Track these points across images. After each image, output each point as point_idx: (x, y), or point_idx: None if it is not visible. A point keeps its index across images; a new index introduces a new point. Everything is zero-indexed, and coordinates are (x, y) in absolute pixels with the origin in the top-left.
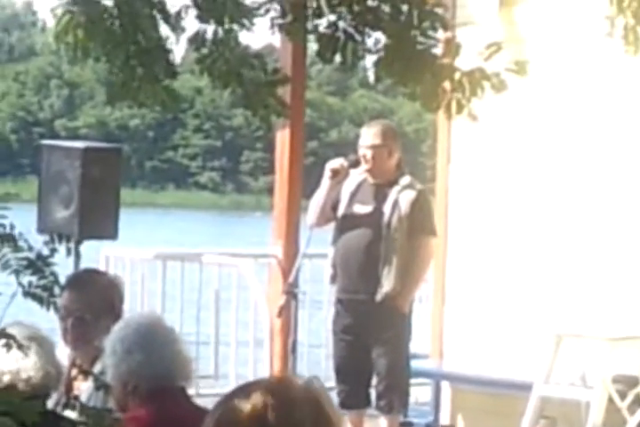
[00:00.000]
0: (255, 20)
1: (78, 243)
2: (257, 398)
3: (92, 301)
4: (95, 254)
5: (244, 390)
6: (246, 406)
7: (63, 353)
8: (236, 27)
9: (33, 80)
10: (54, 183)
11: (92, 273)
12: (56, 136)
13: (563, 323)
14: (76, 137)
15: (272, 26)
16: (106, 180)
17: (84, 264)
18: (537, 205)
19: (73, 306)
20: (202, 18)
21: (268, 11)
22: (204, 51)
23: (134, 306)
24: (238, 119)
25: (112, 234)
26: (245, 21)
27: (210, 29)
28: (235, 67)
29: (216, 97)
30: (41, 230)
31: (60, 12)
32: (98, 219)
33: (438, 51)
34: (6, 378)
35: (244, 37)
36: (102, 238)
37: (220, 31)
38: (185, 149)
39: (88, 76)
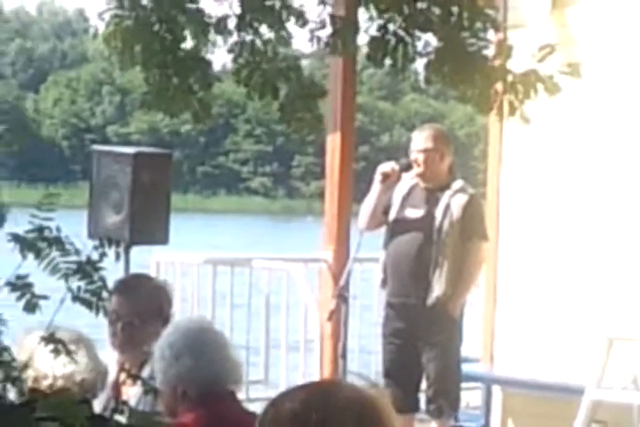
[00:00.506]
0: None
1: (128, 248)
2: (302, 400)
3: (141, 305)
4: (146, 260)
5: (292, 392)
6: (290, 406)
7: (111, 358)
8: (274, 37)
9: (85, 86)
10: (105, 189)
11: (141, 278)
12: (108, 142)
13: (614, 326)
14: (127, 143)
15: (311, 38)
16: (156, 185)
17: (134, 269)
18: (589, 208)
19: (122, 310)
20: (241, 27)
21: (306, 23)
22: (242, 61)
23: (185, 311)
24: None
25: (163, 239)
26: (284, 32)
27: (248, 39)
28: (271, 78)
29: (267, 102)
30: (91, 236)
31: (107, 16)
32: (148, 224)
33: (490, 53)
34: (60, 382)
35: (295, 42)
36: (153, 244)
37: (258, 42)
38: (236, 154)
39: (140, 83)
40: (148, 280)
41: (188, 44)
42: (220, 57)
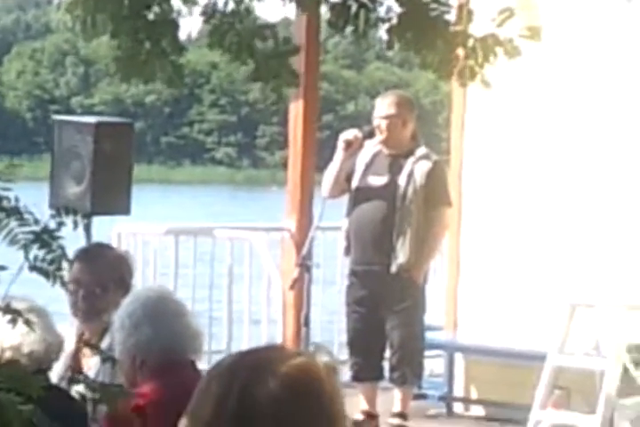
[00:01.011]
0: None
1: (89, 218)
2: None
3: (102, 273)
4: (108, 231)
5: (237, 358)
6: (234, 374)
7: (70, 329)
8: None
9: (49, 58)
10: (66, 159)
11: (103, 247)
12: (72, 113)
13: (576, 292)
14: (91, 114)
15: None
16: (118, 155)
17: (95, 240)
18: (550, 176)
19: (83, 278)
20: None
21: None
22: (215, 23)
23: (147, 282)
24: (254, 94)
25: (124, 209)
26: None
27: (220, 1)
28: (246, 38)
29: (232, 71)
30: (53, 207)
31: None
32: (110, 194)
33: (452, 18)
34: (8, 354)
35: (260, 11)
36: (114, 214)
37: (231, 2)
38: (201, 124)
39: (104, 53)
40: (110, 249)
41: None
42: (184, 26)
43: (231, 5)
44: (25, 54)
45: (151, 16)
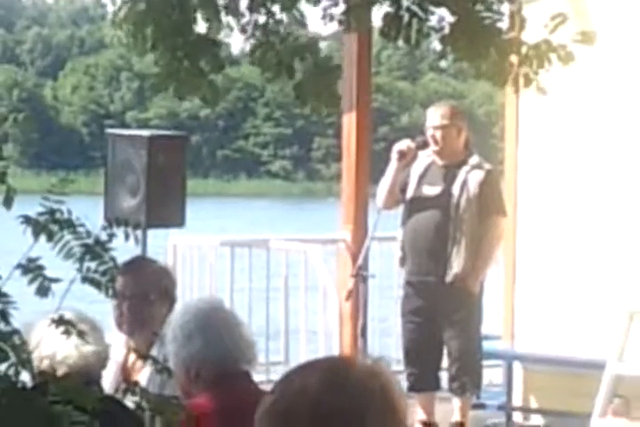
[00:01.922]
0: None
1: (144, 231)
2: (318, 379)
3: (146, 285)
4: (164, 243)
5: (306, 370)
6: (307, 385)
7: (117, 340)
8: (286, 17)
9: (103, 73)
10: (121, 172)
11: (144, 260)
12: (127, 128)
13: (635, 300)
14: (147, 128)
15: (324, 16)
16: (172, 167)
17: (151, 253)
18: (606, 183)
19: (127, 291)
20: (253, 8)
21: (318, 1)
22: (255, 42)
23: (202, 293)
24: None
25: (179, 222)
26: (296, 12)
27: (260, 20)
28: (285, 58)
29: (286, 85)
30: (108, 219)
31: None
32: (165, 207)
33: (504, 26)
34: (63, 367)
35: (312, 23)
36: (169, 227)
37: (271, 22)
38: (256, 137)
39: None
40: (152, 262)
41: (202, 27)
42: (238, 40)
43: (271, 24)
44: (79, 70)
45: (192, 36)
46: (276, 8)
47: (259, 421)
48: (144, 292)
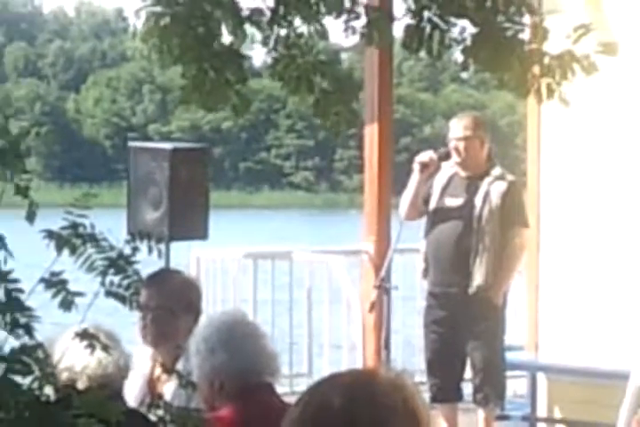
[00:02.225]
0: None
1: (167, 244)
2: (344, 392)
3: (170, 298)
4: (187, 256)
5: (330, 382)
6: (331, 398)
7: (143, 353)
8: (307, 31)
9: (125, 86)
10: (143, 185)
11: (170, 272)
12: (150, 141)
13: None
14: (169, 141)
15: (346, 29)
16: (194, 180)
17: (174, 266)
18: (629, 193)
19: (151, 303)
20: (274, 21)
21: (340, 14)
22: (276, 55)
23: (226, 305)
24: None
25: (202, 234)
26: (318, 25)
27: (282, 33)
28: (305, 73)
29: (304, 97)
30: (131, 232)
31: (144, 13)
32: (188, 219)
33: (525, 36)
34: (86, 380)
35: (334, 36)
36: (192, 239)
37: (292, 34)
38: (278, 149)
39: (180, 81)
40: (178, 274)
41: (226, 38)
42: (260, 53)
43: (293, 38)
44: (101, 83)
45: (217, 47)
46: (297, 21)
47: None
48: (168, 304)
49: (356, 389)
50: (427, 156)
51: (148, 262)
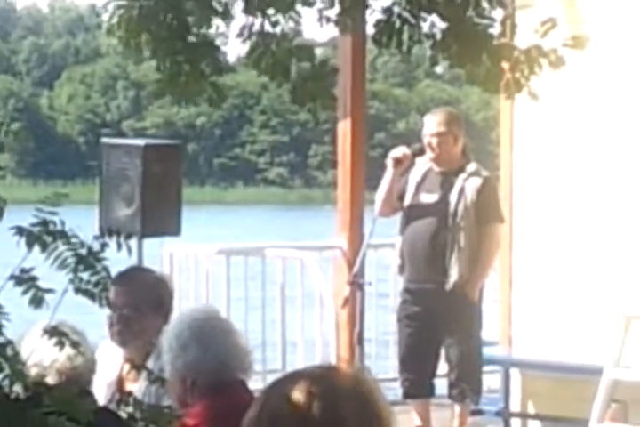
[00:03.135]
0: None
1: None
2: (302, 387)
3: (137, 296)
4: (160, 252)
5: (291, 379)
6: (291, 394)
7: (111, 352)
8: (282, 19)
9: (99, 82)
10: (116, 182)
11: (139, 269)
12: (124, 137)
13: (631, 305)
14: (143, 137)
15: (320, 18)
16: (167, 176)
17: (147, 262)
18: (601, 189)
19: (118, 301)
20: (248, 11)
21: (313, 3)
22: (252, 45)
23: (198, 302)
24: (305, 114)
25: (175, 231)
26: (292, 13)
27: (257, 22)
28: (281, 60)
29: (282, 92)
30: (103, 229)
31: (111, 7)
32: (160, 216)
33: (495, 31)
34: (55, 376)
35: (307, 31)
36: (165, 235)
37: (267, 24)
38: (252, 145)
39: (154, 76)
40: (147, 272)
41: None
42: (235, 48)
43: (267, 27)
44: (75, 79)
45: (191, 38)
46: (271, 11)
47: None
48: (136, 303)
49: (316, 384)
50: (400, 151)
51: (122, 259)
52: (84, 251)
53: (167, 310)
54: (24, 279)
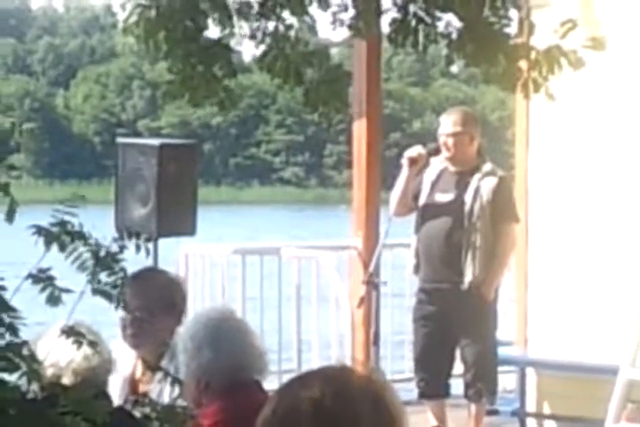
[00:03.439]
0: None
1: (155, 240)
2: (316, 387)
3: (149, 298)
4: (175, 252)
5: (305, 379)
6: (304, 394)
7: (124, 353)
8: (296, 22)
9: (115, 81)
10: (131, 181)
11: (152, 271)
12: (139, 137)
13: None
14: (159, 137)
15: (334, 21)
16: (183, 176)
17: (162, 262)
18: (617, 188)
19: (131, 303)
20: (262, 14)
21: (328, 6)
22: (265, 47)
23: (214, 302)
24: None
25: (190, 231)
26: (306, 17)
27: (270, 25)
28: (294, 64)
29: (298, 92)
30: (119, 229)
31: (129, 6)
32: (176, 216)
33: (512, 31)
34: (71, 377)
35: (322, 31)
36: (180, 235)
37: (281, 27)
38: (268, 144)
39: (169, 77)
40: (160, 273)
41: (214, 32)
42: (249, 48)
43: (281, 30)
44: (91, 78)
45: (205, 41)
46: (286, 13)
47: None
48: (148, 305)
49: (329, 385)
50: (415, 151)
51: (137, 260)
52: (102, 252)
53: (180, 311)
54: (41, 278)
